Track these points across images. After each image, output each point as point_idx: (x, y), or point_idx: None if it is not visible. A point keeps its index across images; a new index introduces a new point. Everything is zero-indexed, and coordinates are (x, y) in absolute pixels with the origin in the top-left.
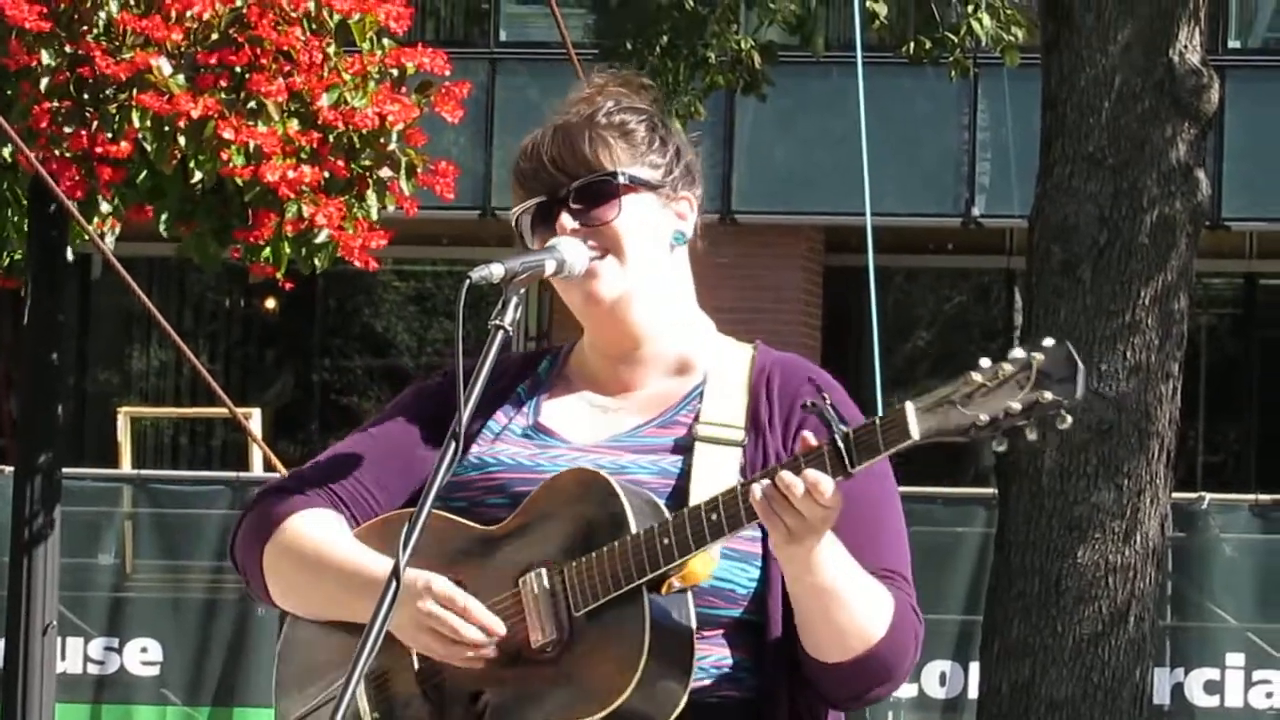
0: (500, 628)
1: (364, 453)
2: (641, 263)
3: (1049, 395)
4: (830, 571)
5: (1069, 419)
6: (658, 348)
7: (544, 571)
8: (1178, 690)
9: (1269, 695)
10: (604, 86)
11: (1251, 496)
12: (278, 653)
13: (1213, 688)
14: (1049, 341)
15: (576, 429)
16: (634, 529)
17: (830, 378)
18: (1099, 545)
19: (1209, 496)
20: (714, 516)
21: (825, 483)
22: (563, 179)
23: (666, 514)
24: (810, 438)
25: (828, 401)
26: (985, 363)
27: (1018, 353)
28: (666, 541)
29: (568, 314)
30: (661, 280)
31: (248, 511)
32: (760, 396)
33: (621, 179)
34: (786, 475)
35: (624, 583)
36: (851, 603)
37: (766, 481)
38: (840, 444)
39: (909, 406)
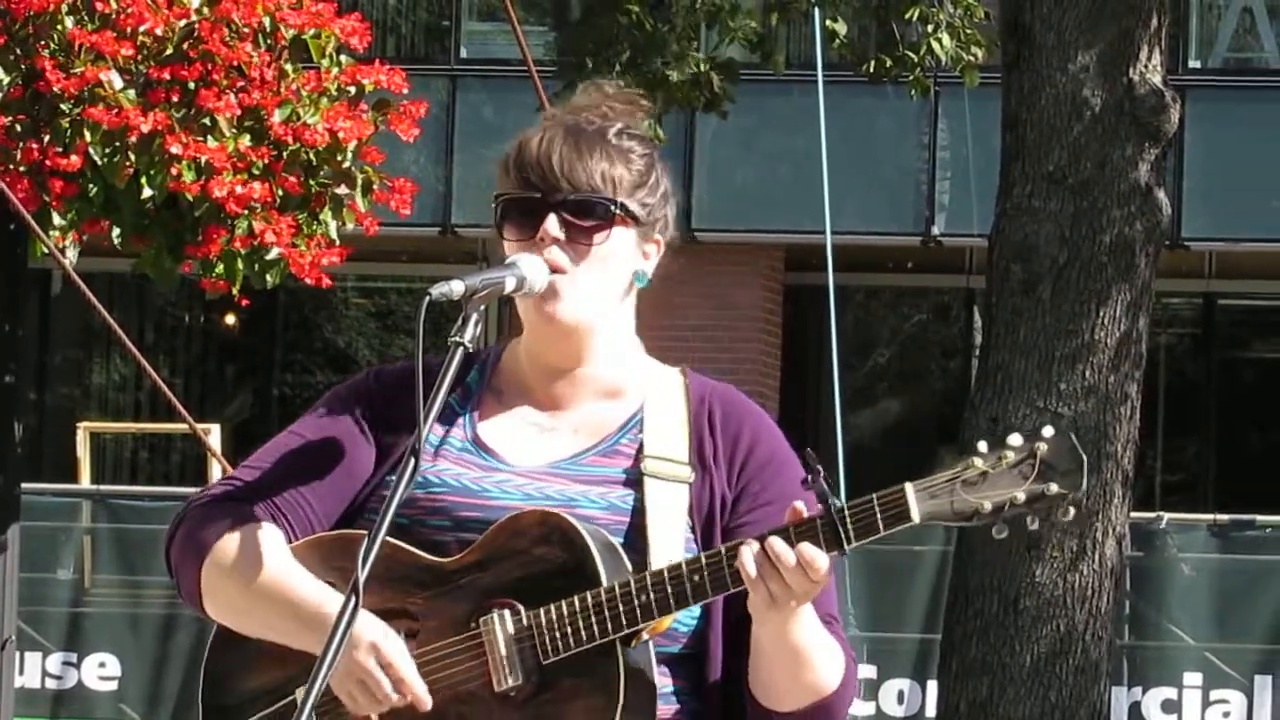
0: (427, 702)
1: (299, 458)
2: (603, 292)
3: (1055, 488)
4: (802, 634)
5: (1072, 511)
6: (594, 370)
7: (507, 615)
8: (1135, 710)
9: (1226, 715)
10: (610, 98)
11: (1210, 516)
12: (203, 671)
13: (1170, 707)
14: (1049, 431)
15: (516, 449)
16: (604, 581)
17: (766, 418)
18: (1057, 565)
19: (1167, 516)
20: (697, 578)
21: (820, 559)
22: (565, 185)
23: (623, 556)
24: (801, 508)
25: (821, 474)
26: (984, 448)
27: (1018, 440)
28: (645, 599)
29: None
30: (616, 311)
31: (184, 518)
32: (703, 431)
33: (618, 210)
34: (778, 544)
35: (599, 636)
36: (815, 662)
37: (758, 548)
38: (837, 521)
39: (909, 489)
